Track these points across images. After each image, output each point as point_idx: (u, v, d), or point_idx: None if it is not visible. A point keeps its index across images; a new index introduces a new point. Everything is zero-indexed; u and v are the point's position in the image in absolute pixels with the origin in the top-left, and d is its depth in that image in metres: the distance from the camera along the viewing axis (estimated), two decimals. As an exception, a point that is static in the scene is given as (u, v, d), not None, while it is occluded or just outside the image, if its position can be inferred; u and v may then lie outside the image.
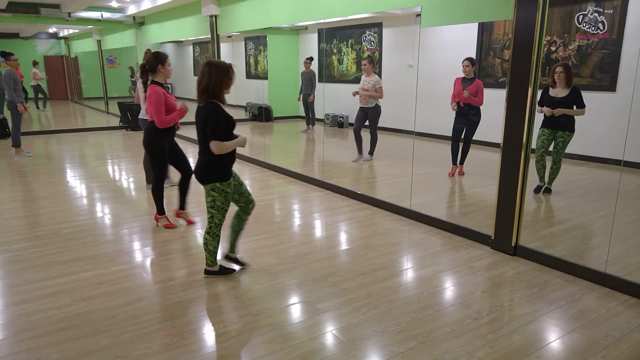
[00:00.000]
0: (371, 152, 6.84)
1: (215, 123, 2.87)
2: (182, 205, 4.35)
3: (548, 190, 4.99)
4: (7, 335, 2.56)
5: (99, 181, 6.05)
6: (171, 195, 5.01)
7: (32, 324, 2.67)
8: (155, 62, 3.96)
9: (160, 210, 4.26)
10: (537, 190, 4.99)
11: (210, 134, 2.89)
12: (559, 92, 4.73)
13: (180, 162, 4.27)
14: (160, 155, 4.11)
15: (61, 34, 16.58)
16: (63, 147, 8.64)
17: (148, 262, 3.57)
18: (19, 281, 3.20)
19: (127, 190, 5.70)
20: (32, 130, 10.26)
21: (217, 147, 2.90)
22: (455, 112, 5.69)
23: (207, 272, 3.28)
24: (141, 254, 3.72)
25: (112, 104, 13.48)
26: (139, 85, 5.15)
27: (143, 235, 4.11)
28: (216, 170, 2.99)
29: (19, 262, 3.51)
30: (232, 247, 3.35)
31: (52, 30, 15.82)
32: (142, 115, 5.23)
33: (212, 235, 3.15)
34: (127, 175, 6.43)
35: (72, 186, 5.80)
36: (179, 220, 4.41)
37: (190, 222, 4.37)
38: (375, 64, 9.10)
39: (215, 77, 2.88)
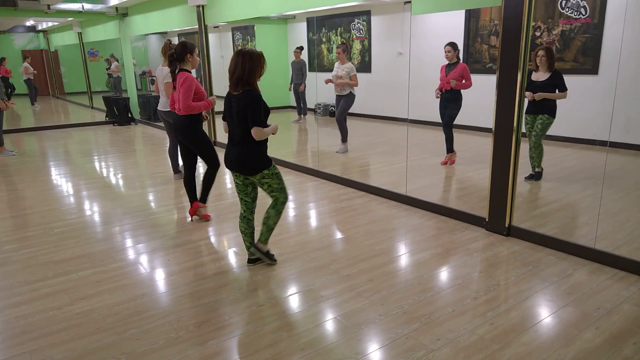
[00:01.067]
0: (344, 140, 6.73)
1: (257, 110, 2.90)
2: (194, 196, 4.25)
3: (539, 176, 5.00)
4: (7, 338, 2.53)
5: (88, 178, 5.98)
6: (167, 189, 4.98)
7: (32, 325, 2.64)
8: (184, 51, 3.93)
9: (204, 199, 4.20)
10: (530, 177, 5.02)
11: (252, 120, 2.91)
12: (540, 75, 4.77)
13: (194, 158, 4.21)
14: (205, 141, 4.05)
15: (40, 27, 16.16)
16: (48, 144, 8.50)
17: (146, 258, 3.56)
18: (14, 283, 3.16)
19: (117, 186, 5.66)
20: (15, 128, 10.05)
21: (259, 133, 2.94)
22: (439, 98, 5.75)
23: (255, 247, 3.26)
24: (138, 250, 3.71)
25: (96, 99, 13.27)
26: (163, 74, 5.07)
27: (138, 231, 4.09)
28: (259, 159, 3.03)
29: (12, 264, 3.47)
30: (251, 249, 3.33)
31: (29, 23, 15.41)
32: (163, 106, 5.14)
33: (277, 211, 3.18)
34: (117, 171, 6.37)
35: (61, 184, 5.73)
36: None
37: (207, 216, 4.29)
38: (351, 51, 9.10)
39: (248, 66, 2.90)
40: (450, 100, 5.62)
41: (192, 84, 3.89)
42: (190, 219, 4.29)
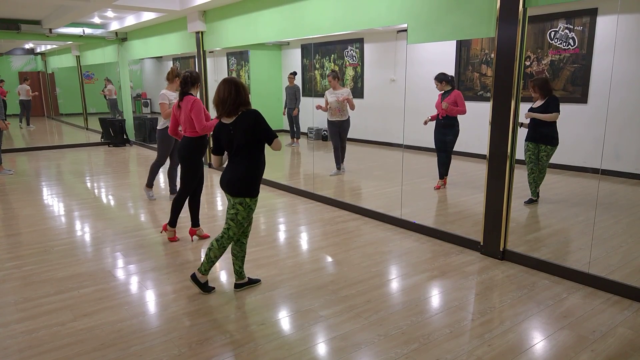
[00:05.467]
0: (342, 161, 6.98)
1: (266, 125, 3.00)
2: (196, 222, 4.32)
3: (533, 200, 5.15)
4: (12, 353, 2.55)
5: (86, 197, 6.00)
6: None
7: (37, 340, 2.66)
8: (196, 80, 4.15)
9: (173, 223, 4.26)
10: (529, 202, 5.14)
11: (268, 137, 3.01)
12: (538, 103, 4.99)
13: (199, 181, 4.25)
14: (196, 169, 4.13)
15: (38, 50, 16.34)
16: (45, 164, 8.51)
17: (147, 276, 3.58)
18: (18, 299, 3.18)
19: (117, 206, 5.68)
20: (12, 148, 10.05)
21: (278, 144, 3.06)
22: (435, 124, 5.90)
23: (193, 278, 3.23)
24: (139, 268, 3.73)
25: (90, 120, 13.36)
26: (170, 96, 5.20)
27: (139, 250, 4.12)
28: (249, 186, 3.05)
29: (15, 280, 3.48)
30: (241, 273, 3.32)
31: (28, 46, 15.58)
32: (162, 126, 5.36)
33: (220, 245, 3.13)
34: (116, 191, 6.39)
35: (59, 203, 5.74)
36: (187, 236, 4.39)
37: (206, 237, 4.38)
38: (344, 77, 9.38)
39: (243, 92, 3.01)
40: (446, 126, 5.78)
41: (201, 106, 4.06)
42: (191, 239, 4.34)
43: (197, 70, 7.84)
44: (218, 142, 3.13)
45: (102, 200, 5.90)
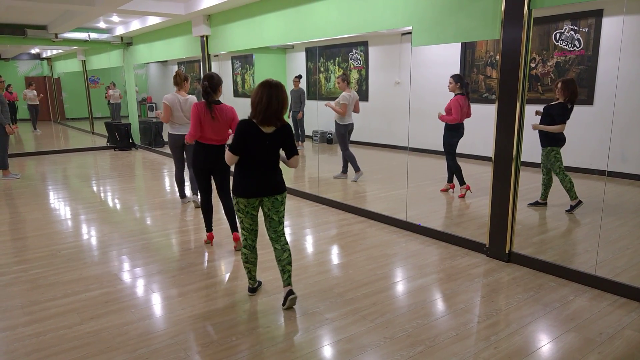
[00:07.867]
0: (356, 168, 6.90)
1: (294, 140, 3.09)
2: (234, 227, 4.23)
3: (540, 203, 5.07)
4: (19, 356, 2.57)
5: (92, 201, 6.03)
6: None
7: (44, 343, 2.68)
8: (218, 83, 4.01)
9: (236, 227, 4.20)
10: (534, 204, 5.08)
11: (292, 152, 3.08)
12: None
13: (211, 187, 4.24)
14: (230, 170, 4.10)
15: (44, 55, 16.49)
16: (51, 168, 8.57)
17: (152, 279, 3.59)
18: (25, 302, 3.20)
19: (123, 209, 5.71)
20: (19, 152, 10.13)
21: (297, 162, 3.16)
22: (443, 127, 5.87)
23: (292, 293, 3.10)
24: (144, 272, 3.75)
25: (97, 124, 13.45)
26: (189, 103, 5.19)
27: (145, 253, 4.14)
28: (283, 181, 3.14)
29: (22, 284, 3.51)
30: (255, 277, 3.33)
31: (34, 51, 15.73)
32: (174, 131, 5.39)
33: (289, 249, 3.20)
34: (122, 195, 6.42)
35: (66, 207, 5.78)
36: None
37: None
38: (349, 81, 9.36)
39: (285, 98, 2.91)
40: (451, 129, 5.72)
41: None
42: (210, 243, 4.36)
43: (202, 74, 7.90)
44: (244, 143, 2.91)
45: (108, 204, 5.94)
